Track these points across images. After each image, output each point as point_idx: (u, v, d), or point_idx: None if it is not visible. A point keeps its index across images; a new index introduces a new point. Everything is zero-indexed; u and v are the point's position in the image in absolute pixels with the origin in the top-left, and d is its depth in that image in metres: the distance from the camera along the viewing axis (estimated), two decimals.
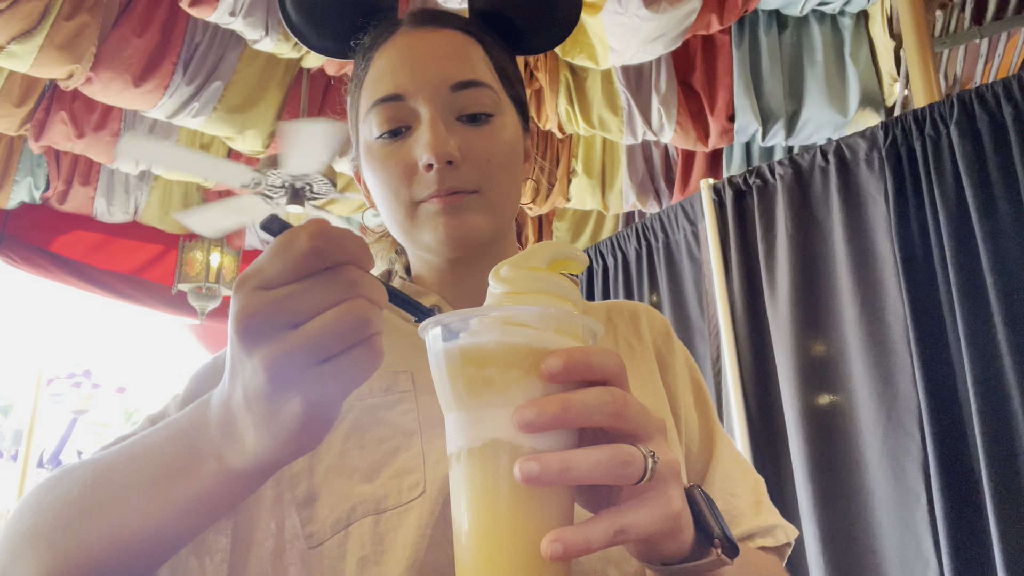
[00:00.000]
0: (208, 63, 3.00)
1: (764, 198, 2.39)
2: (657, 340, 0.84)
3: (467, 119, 0.73)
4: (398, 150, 0.73)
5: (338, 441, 0.66)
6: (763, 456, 2.25)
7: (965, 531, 1.79)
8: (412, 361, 0.71)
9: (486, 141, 0.73)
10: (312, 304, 0.42)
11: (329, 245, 0.42)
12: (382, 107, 0.73)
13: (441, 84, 0.72)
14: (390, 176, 0.73)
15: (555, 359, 0.44)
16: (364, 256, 0.44)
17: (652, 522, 0.44)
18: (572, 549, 0.41)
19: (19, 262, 3.80)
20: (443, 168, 0.70)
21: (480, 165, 0.72)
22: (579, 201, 3.68)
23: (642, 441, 0.45)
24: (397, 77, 0.73)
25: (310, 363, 0.42)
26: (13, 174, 3.59)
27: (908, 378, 1.94)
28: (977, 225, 1.89)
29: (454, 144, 0.71)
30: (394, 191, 0.73)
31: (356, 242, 0.44)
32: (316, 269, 0.42)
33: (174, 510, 0.50)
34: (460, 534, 0.45)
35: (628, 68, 2.98)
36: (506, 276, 0.48)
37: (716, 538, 0.50)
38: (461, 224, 0.72)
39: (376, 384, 0.69)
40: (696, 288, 2.64)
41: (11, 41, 2.59)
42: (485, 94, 0.74)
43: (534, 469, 0.41)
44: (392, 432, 0.66)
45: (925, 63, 2.42)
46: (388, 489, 0.63)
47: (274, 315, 0.42)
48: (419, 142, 0.71)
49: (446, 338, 0.46)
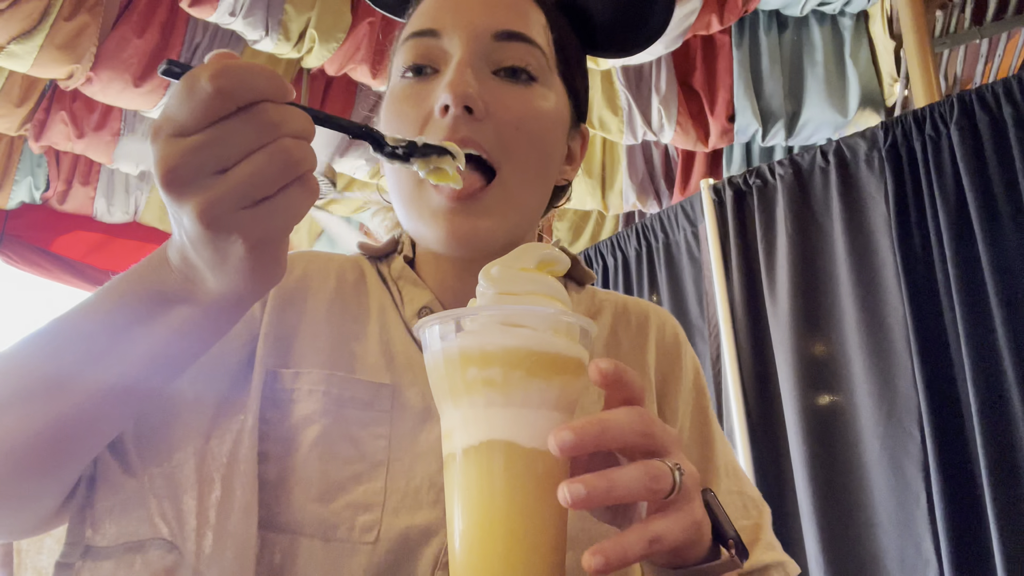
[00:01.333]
0: None
1: (764, 198, 2.39)
2: (663, 362, 0.78)
3: (505, 73, 0.65)
4: (418, 92, 0.65)
5: (306, 444, 0.62)
6: (763, 456, 2.25)
7: (965, 531, 1.79)
8: (398, 373, 0.67)
9: (520, 102, 0.64)
10: (234, 149, 0.41)
11: (234, 84, 0.40)
12: (414, 42, 0.66)
13: (484, 28, 0.64)
14: (402, 121, 0.65)
15: (603, 365, 0.44)
16: (278, 89, 0.42)
17: (683, 530, 0.45)
18: (612, 561, 0.42)
19: (19, 262, 3.80)
20: (461, 115, 0.61)
21: (506, 127, 0.63)
22: (579, 201, 3.68)
23: (666, 455, 0.46)
24: (438, 12, 0.66)
25: (243, 206, 0.41)
26: (13, 174, 3.59)
27: (908, 378, 1.94)
28: (977, 225, 1.89)
29: (480, 91, 0.62)
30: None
31: (266, 76, 0.41)
32: (227, 111, 0.40)
33: (144, 354, 0.50)
34: (455, 533, 0.45)
35: (628, 68, 2.98)
36: (497, 276, 0.48)
37: (731, 539, 0.51)
38: (472, 228, 0.64)
39: (359, 393, 0.65)
40: (696, 288, 2.64)
41: (11, 41, 2.59)
42: (532, 53, 0.65)
43: (581, 492, 0.41)
44: (358, 456, 0.62)
45: (925, 63, 2.41)
46: (341, 519, 0.59)
47: (196, 163, 0.40)
48: (441, 83, 0.63)
49: (444, 337, 0.46)
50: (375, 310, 0.71)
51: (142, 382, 0.52)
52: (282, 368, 0.66)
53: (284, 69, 3.22)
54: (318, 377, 0.65)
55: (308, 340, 0.67)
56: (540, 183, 0.68)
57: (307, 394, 0.64)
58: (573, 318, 0.46)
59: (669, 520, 0.45)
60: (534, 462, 0.44)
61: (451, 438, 0.46)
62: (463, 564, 0.44)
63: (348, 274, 0.74)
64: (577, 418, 0.44)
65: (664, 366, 0.78)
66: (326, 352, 0.67)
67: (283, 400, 0.64)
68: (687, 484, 0.46)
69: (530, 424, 0.45)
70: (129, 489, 0.58)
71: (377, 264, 0.76)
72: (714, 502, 0.53)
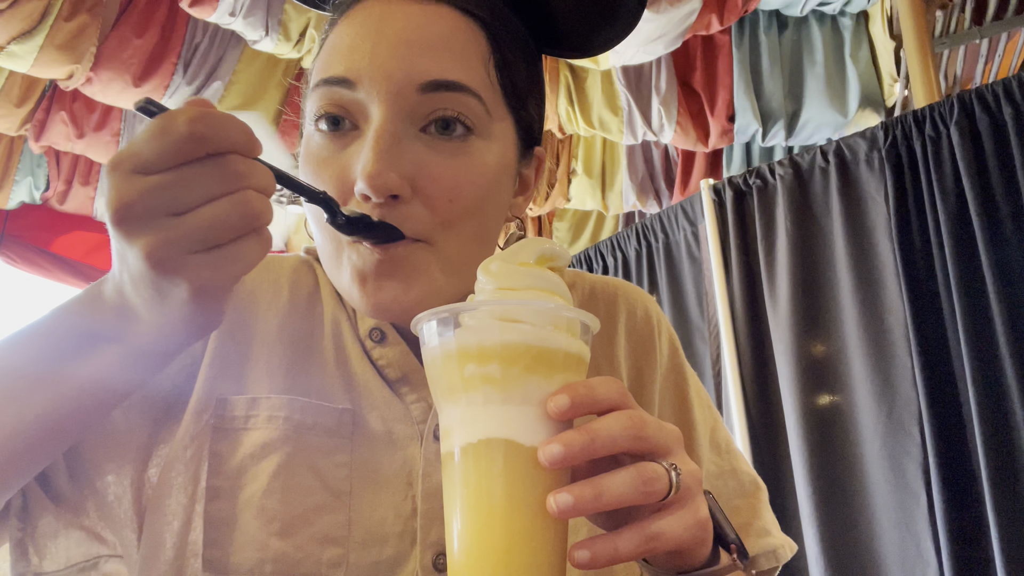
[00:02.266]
0: (208, 63, 3.00)
1: (764, 198, 2.39)
2: (636, 349, 0.74)
3: (436, 127, 0.56)
4: (336, 153, 0.57)
5: (264, 475, 0.58)
6: (763, 456, 2.25)
7: (965, 531, 1.79)
8: (357, 395, 0.63)
9: (453, 168, 0.56)
10: (195, 194, 0.40)
11: (210, 131, 0.40)
12: (325, 90, 0.57)
13: (407, 80, 0.55)
14: (322, 187, 0.56)
15: (561, 398, 0.43)
16: (249, 143, 0.42)
17: (684, 529, 0.45)
18: (599, 556, 0.41)
19: (19, 262, 3.79)
20: (385, 203, 0.54)
21: (438, 203, 0.56)
22: (579, 201, 3.68)
23: (663, 456, 0.45)
24: (353, 56, 0.56)
25: (195, 250, 0.41)
26: (13, 174, 3.58)
27: (908, 378, 1.94)
28: (977, 225, 1.89)
29: (401, 172, 0.54)
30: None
31: (240, 128, 0.42)
32: (196, 155, 0.40)
33: (68, 392, 0.49)
34: (453, 533, 0.45)
35: (628, 68, 2.98)
36: (496, 271, 0.48)
37: (732, 543, 0.51)
38: (396, 295, 0.56)
39: (320, 418, 0.61)
40: (696, 288, 2.64)
41: (11, 41, 2.59)
42: (466, 103, 0.56)
43: (568, 501, 0.41)
44: (320, 486, 0.58)
45: (925, 63, 2.41)
46: (305, 553, 0.56)
47: (153, 202, 0.40)
48: (358, 158, 0.55)
49: (442, 333, 0.46)
50: (329, 325, 0.66)
51: (70, 418, 0.50)
52: (234, 395, 0.61)
53: (284, 69, 3.23)
54: (278, 403, 0.60)
55: (262, 363, 0.63)
56: (483, 240, 0.61)
57: (266, 420, 0.60)
58: (573, 313, 0.46)
59: (670, 518, 0.44)
60: (534, 460, 0.43)
61: (449, 436, 0.46)
62: (462, 564, 0.44)
63: (302, 283, 0.68)
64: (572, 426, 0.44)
65: (638, 354, 0.73)
66: (281, 375, 0.62)
67: (235, 429, 0.60)
68: (687, 483, 0.45)
69: (529, 421, 0.44)
70: (64, 512, 0.57)
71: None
72: (714, 505, 0.52)
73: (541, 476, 0.44)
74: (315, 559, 0.56)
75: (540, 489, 0.44)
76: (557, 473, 0.44)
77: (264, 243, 0.43)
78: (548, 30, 0.65)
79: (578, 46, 0.67)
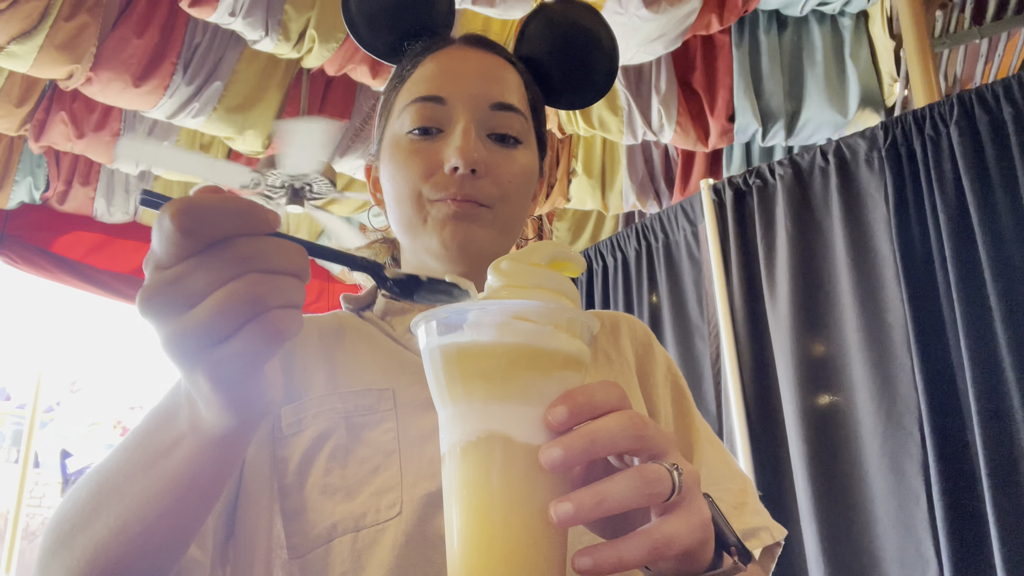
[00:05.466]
0: (208, 63, 3.00)
1: (764, 198, 2.39)
2: (638, 350, 0.86)
3: (496, 138, 0.76)
4: (426, 148, 0.75)
5: (323, 460, 0.68)
6: (763, 456, 2.25)
7: (965, 531, 1.79)
8: (394, 377, 0.74)
9: (509, 163, 0.76)
10: (201, 285, 0.39)
11: (195, 223, 0.39)
12: (421, 105, 0.76)
13: (482, 99, 0.76)
14: (411, 171, 0.74)
15: (559, 410, 0.43)
16: (250, 222, 0.40)
17: (692, 530, 0.44)
18: (603, 564, 0.41)
19: (19, 262, 3.80)
20: (466, 175, 0.73)
21: (499, 183, 0.75)
22: (579, 201, 3.68)
23: (662, 457, 0.45)
24: (443, 81, 0.77)
25: (207, 345, 0.40)
26: (13, 174, 3.59)
27: (908, 378, 1.94)
28: (977, 225, 1.89)
29: (480, 156, 0.73)
30: (411, 185, 0.74)
31: (235, 211, 0.39)
32: (194, 249, 0.39)
33: (165, 488, 0.50)
34: (453, 533, 0.44)
35: (628, 68, 2.98)
36: (507, 270, 0.48)
37: (732, 545, 0.51)
38: (469, 233, 0.73)
39: (362, 402, 0.71)
40: (696, 288, 2.64)
41: (11, 41, 2.59)
42: (518, 120, 0.77)
43: (569, 510, 0.41)
44: (373, 452, 0.68)
45: (925, 63, 2.41)
46: (367, 507, 0.65)
47: (167, 297, 0.40)
48: (450, 145, 0.73)
49: (441, 331, 0.46)
50: (364, 340, 0.79)
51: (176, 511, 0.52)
52: (284, 407, 0.72)
53: (284, 69, 3.23)
54: (325, 399, 0.71)
55: (300, 374, 0.74)
56: (521, 215, 0.80)
57: (314, 416, 0.70)
58: (574, 313, 0.46)
59: (678, 521, 0.44)
60: (533, 458, 0.43)
61: (448, 434, 0.46)
62: (462, 564, 0.43)
63: (327, 329, 0.80)
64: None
65: (639, 350, 0.86)
66: (323, 378, 0.74)
67: (291, 435, 0.70)
68: (687, 483, 0.45)
69: (529, 420, 0.44)
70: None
71: (360, 314, 0.84)
72: (713, 507, 0.52)
73: (541, 474, 0.44)
74: (376, 508, 0.64)
75: (540, 487, 0.43)
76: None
77: (270, 332, 0.40)
78: (546, 88, 0.88)
79: (561, 102, 0.90)
